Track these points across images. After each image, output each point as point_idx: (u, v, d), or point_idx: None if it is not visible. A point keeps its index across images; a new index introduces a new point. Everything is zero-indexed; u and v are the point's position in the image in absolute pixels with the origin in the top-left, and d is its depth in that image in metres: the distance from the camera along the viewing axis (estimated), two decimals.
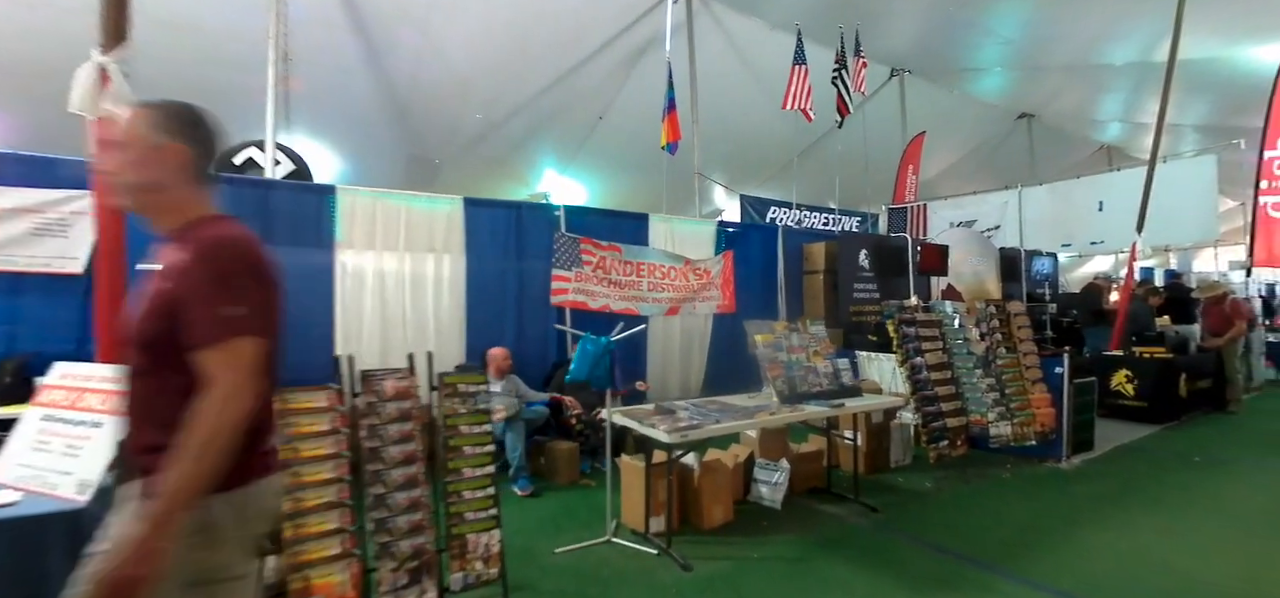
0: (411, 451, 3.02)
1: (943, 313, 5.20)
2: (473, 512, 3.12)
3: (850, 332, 7.02)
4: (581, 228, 6.36)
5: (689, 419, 3.72)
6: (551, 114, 12.22)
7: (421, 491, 3.01)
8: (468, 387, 3.26)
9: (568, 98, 11.83)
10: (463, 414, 3.21)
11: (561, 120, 12.51)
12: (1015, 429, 5.14)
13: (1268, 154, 7.83)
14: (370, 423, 2.96)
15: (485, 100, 11.41)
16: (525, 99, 11.59)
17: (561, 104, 11.97)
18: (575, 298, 6.24)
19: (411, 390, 3.10)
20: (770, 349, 4.38)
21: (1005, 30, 10.58)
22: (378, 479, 2.93)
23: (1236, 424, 6.95)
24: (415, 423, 3.09)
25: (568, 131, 12.89)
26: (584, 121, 12.70)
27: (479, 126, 12.13)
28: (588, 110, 12.42)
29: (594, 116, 12.62)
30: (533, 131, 12.65)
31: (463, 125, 11.99)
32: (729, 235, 7.08)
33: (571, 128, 12.80)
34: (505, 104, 11.62)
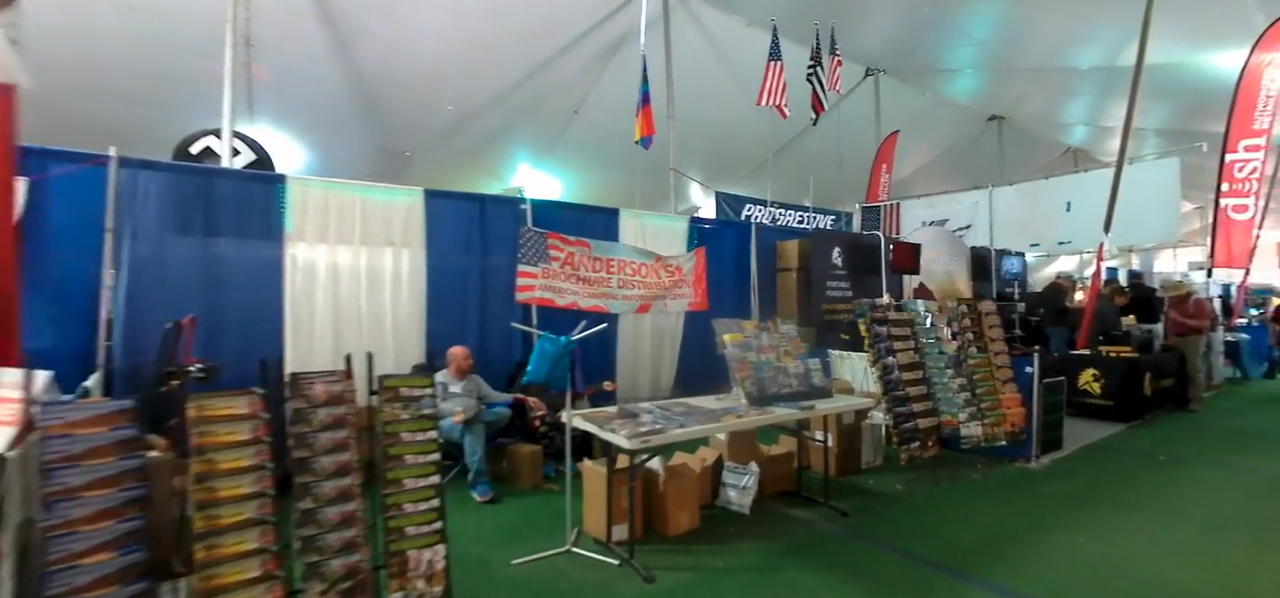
0: (345, 460, 2.74)
1: (914, 312, 5.05)
2: (415, 526, 2.84)
3: (823, 330, 6.86)
4: (549, 222, 6.09)
5: (652, 423, 3.48)
6: (525, 107, 11.90)
7: (357, 504, 2.72)
8: (411, 390, 2.98)
9: (542, 91, 11.52)
10: (405, 420, 2.92)
11: (536, 114, 12.20)
12: (986, 430, 5.00)
13: (1229, 157, 7.88)
14: (298, 431, 2.67)
15: (457, 92, 11.05)
16: (498, 92, 11.26)
17: (535, 97, 11.66)
18: (542, 295, 5.98)
19: (346, 395, 2.81)
20: (739, 349, 4.16)
21: (977, 31, 10.54)
22: (307, 493, 2.64)
23: (1198, 422, 6.95)
24: (351, 430, 2.80)
25: (542, 126, 12.59)
26: (559, 116, 12.40)
27: (451, 119, 11.75)
28: (562, 104, 12.13)
29: (569, 111, 12.33)
30: (506, 125, 12.32)
31: (434, 117, 11.61)
32: (702, 232, 6.87)
33: (546, 122, 12.49)
34: (478, 96, 11.28)
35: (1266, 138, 7.60)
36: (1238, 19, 8.58)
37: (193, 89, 8.23)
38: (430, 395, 3.04)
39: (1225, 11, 8.64)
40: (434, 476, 2.95)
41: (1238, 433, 6.50)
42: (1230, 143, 7.79)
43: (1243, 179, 7.73)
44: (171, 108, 8.83)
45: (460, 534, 3.96)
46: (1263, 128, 7.61)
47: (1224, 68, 9.45)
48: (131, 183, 4.55)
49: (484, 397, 5.14)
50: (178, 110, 8.58)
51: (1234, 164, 7.76)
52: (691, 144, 12.07)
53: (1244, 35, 8.51)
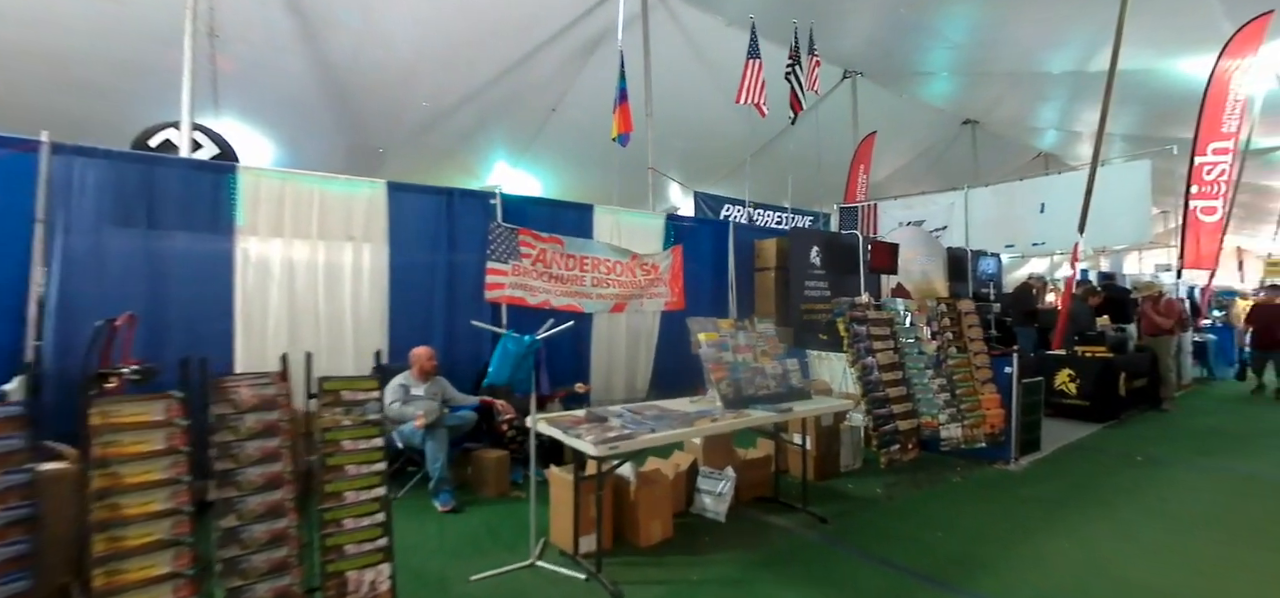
0: (276, 472, 2.44)
1: (894, 311, 4.86)
2: (355, 544, 2.55)
3: (801, 330, 6.67)
4: (520, 218, 5.79)
5: (621, 428, 3.22)
6: (502, 105, 11.59)
7: (289, 521, 2.42)
8: (355, 393, 2.68)
9: (519, 88, 11.23)
10: (347, 427, 2.62)
11: (513, 112, 11.89)
12: (966, 431, 4.83)
13: (1198, 160, 7.87)
14: (221, 440, 2.36)
15: (431, 87, 10.70)
16: (474, 88, 10.94)
17: (512, 95, 11.36)
18: (512, 293, 5.68)
19: (279, 399, 2.51)
20: (714, 349, 3.92)
21: (953, 34, 10.48)
22: (230, 509, 2.33)
23: (1171, 422, 6.89)
24: (285, 438, 2.49)
25: (519, 123, 12.29)
26: (536, 113, 12.12)
27: (425, 115, 11.39)
28: (540, 102, 11.85)
29: (547, 109, 12.06)
30: (483, 122, 11.98)
31: (408, 113, 11.23)
32: (678, 230, 6.63)
33: (523, 120, 12.20)
34: (453, 92, 10.94)
35: (1234, 141, 7.60)
36: (1205, 26, 8.61)
37: (155, 80, 7.80)
38: (376, 399, 2.74)
39: (1193, 19, 8.67)
40: (379, 487, 2.66)
41: (1209, 432, 6.45)
42: (1199, 146, 7.79)
43: (1211, 182, 7.73)
44: (133, 99, 8.39)
45: (418, 547, 3.67)
46: (1230, 131, 7.62)
47: (1190, 73, 9.50)
48: (66, 171, 4.17)
49: (449, 400, 4.84)
50: (139, 102, 8.14)
51: (1203, 166, 7.76)
52: (670, 144, 11.85)
53: (1211, 42, 8.54)
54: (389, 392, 4.63)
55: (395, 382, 4.67)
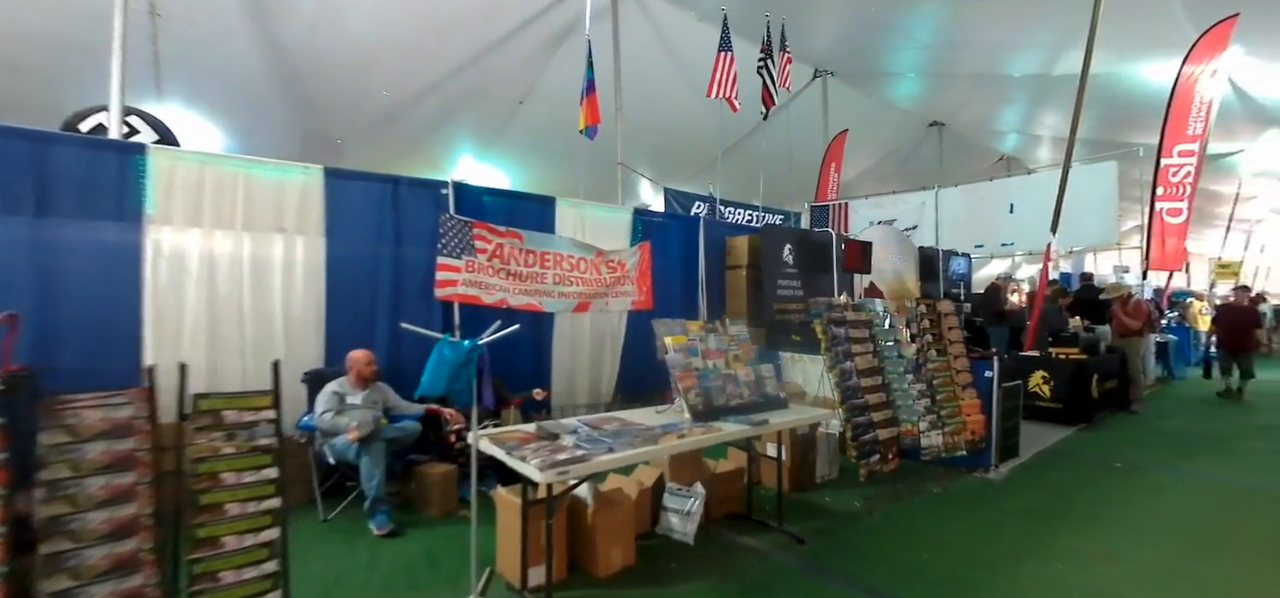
0: (129, 517, 1.88)
1: (873, 312, 4.48)
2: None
3: (773, 331, 6.27)
4: (475, 210, 5.25)
5: (574, 447, 2.73)
6: (467, 96, 10.98)
7: (144, 577, 1.87)
8: (240, 413, 2.13)
9: (485, 80, 10.64)
10: (229, 456, 2.08)
11: (479, 103, 11.29)
12: (947, 439, 4.48)
13: (1164, 161, 7.74)
14: (52, 478, 1.80)
15: (392, 76, 10.04)
16: (437, 78, 10.30)
17: (478, 86, 10.76)
18: (465, 291, 5.13)
19: (137, 423, 1.95)
20: (682, 355, 3.46)
21: (922, 34, 10.25)
22: (60, 566, 1.77)
23: (1143, 424, 6.69)
24: (143, 473, 1.94)
25: (486, 116, 11.68)
26: (503, 106, 11.52)
27: (386, 105, 10.70)
28: (507, 94, 11.26)
29: (514, 101, 11.47)
30: (448, 114, 11.34)
31: (367, 102, 10.53)
32: (646, 225, 6.16)
33: (490, 112, 11.60)
34: (415, 82, 10.29)
35: (1199, 143, 7.49)
36: (1169, 31, 8.50)
37: (89, 59, 7.01)
38: (270, 420, 2.19)
39: (1156, 23, 8.56)
40: (271, 529, 2.12)
41: (1182, 435, 6.24)
42: (1165, 148, 7.66)
43: (1176, 183, 7.62)
44: (64, 79, 7.60)
45: (347, 580, 3.13)
46: (1196, 133, 7.51)
47: (1150, 78, 9.44)
48: None
49: (391, 408, 4.28)
50: (71, 82, 7.35)
51: (1168, 168, 7.64)
52: (640, 139, 11.40)
53: (1172, 46, 8.45)
54: (321, 400, 4.06)
55: (329, 389, 4.09)
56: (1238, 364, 7.75)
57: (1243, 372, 7.74)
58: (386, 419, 4.13)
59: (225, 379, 4.25)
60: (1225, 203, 14.35)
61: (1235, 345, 7.66)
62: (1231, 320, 7.80)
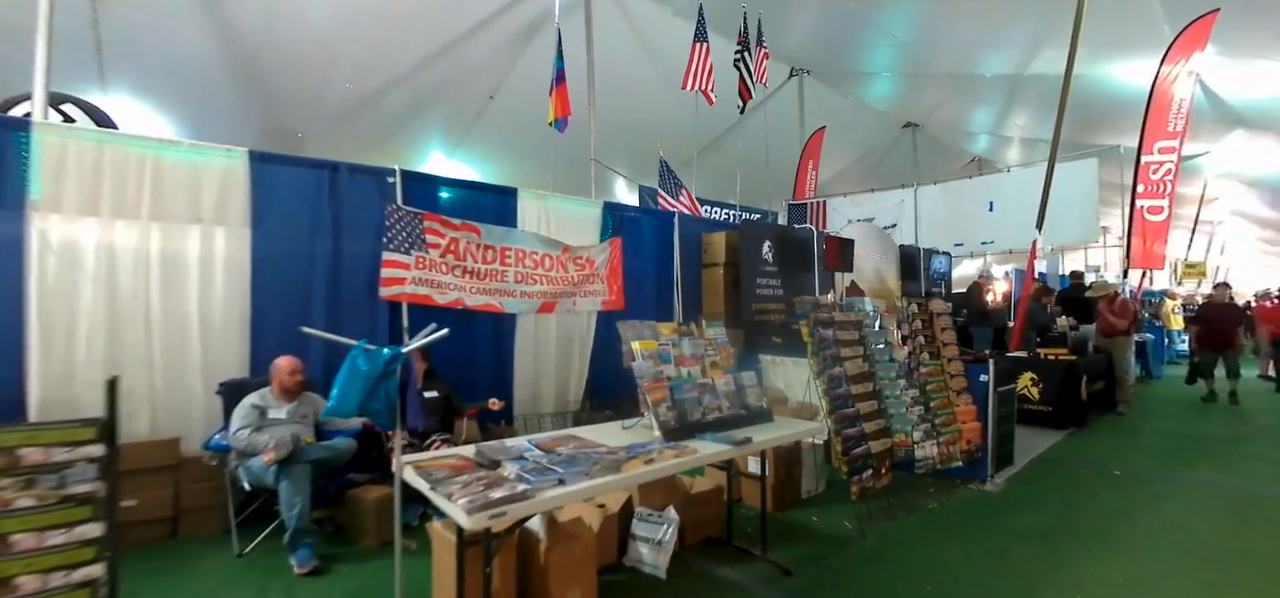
0: None
1: (863, 312, 3.99)
2: None
3: (752, 332, 5.78)
4: (427, 201, 4.66)
5: (516, 479, 2.17)
6: (436, 90, 10.32)
7: None
8: (46, 452, 1.53)
9: (454, 73, 9.99)
10: (23, 512, 1.47)
11: (448, 98, 10.63)
12: (942, 449, 4.02)
13: (1144, 158, 7.45)
14: None
15: (355, 67, 9.33)
16: (404, 70, 9.63)
17: (447, 79, 10.11)
18: (415, 291, 4.53)
19: None
20: (652, 362, 2.92)
21: (897, 30, 9.90)
22: None
23: (1133, 427, 6.31)
24: None
25: (455, 111, 11.02)
26: (473, 100, 10.88)
27: (349, 98, 9.97)
28: (477, 88, 10.62)
29: (484, 96, 10.83)
30: (415, 108, 10.65)
31: (329, 94, 9.78)
32: (617, 220, 5.62)
33: (460, 107, 10.94)
34: (380, 74, 9.60)
35: (1179, 140, 7.23)
36: (1145, 31, 8.25)
37: (28, 43, 6.26)
38: (93, 458, 1.59)
39: (1133, 22, 8.30)
40: None
41: (1176, 439, 5.87)
42: (1145, 144, 7.38)
43: (1157, 181, 7.35)
44: None
45: None
46: (1176, 130, 7.24)
47: (1121, 79, 9.21)
48: None
49: (324, 423, 3.65)
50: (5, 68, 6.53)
51: (1149, 165, 7.36)
52: (614, 137, 10.88)
53: (1146, 46, 8.20)
54: (238, 415, 3.42)
55: (248, 402, 3.46)
56: (1225, 364, 7.40)
57: (1229, 371, 7.39)
58: (315, 436, 3.51)
59: (126, 394, 3.58)
60: (1190, 204, 14.35)
61: (1221, 344, 7.32)
62: (1215, 318, 7.45)
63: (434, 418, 4.01)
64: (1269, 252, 19.09)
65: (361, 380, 2.27)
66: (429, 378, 4.14)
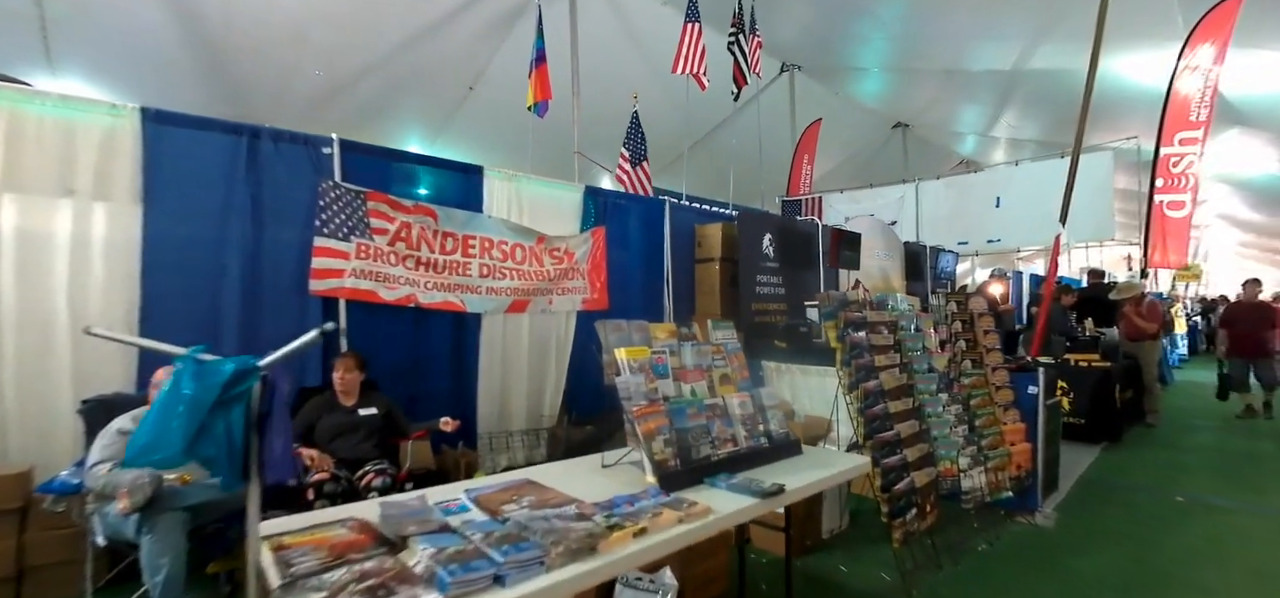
0: None
1: (898, 311, 3.15)
2: None
3: (752, 335, 4.92)
4: (372, 177, 3.74)
5: (428, 571, 1.28)
6: (413, 79, 9.40)
7: None
8: None
9: (431, 61, 9.10)
10: None
11: (425, 88, 9.71)
12: (991, 478, 3.19)
13: (1164, 150, 6.74)
14: None
15: (326, 54, 8.40)
16: (377, 57, 8.72)
17: (423, 68, 9.20)
18: (355, 284, 3.62)
19: None
20: (644, 376, 2.04)
21: (889, 20, 9.16)
22: None
23: (1170, 442, 5.51)
24: None
25: (434, 102, 10.11)
26: (453, 90, 9.98)
27: (320, 86, 9.00)
28: (455, 78, 9.72)
29: (464, 86, 9.92)
30: (390, 98, 9.71)
31: (298, 81, 8.81)
32: (601, 207, 4.74)
33: (438, 97, 10.03)
34: (352, 61, 8.68)
35: (1203, 131, 6.54)
36: (1155, 21, 7.56)
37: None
38: None
39: (1143, 12, 7.61)
40: None
41: (1224, 457, 5.05)
42: (1165, 136, 6.68)
43: (1178, 174, 6.65)
44: None
45: None
46: (1200, 120, 6.56)
47: (1124, 74, 8.55)
48: None
49: None
50: None
51: (1169, 158, 6.66)
52: (600, 131, 10.02)
53: (1156, 38, 7.52)
54: (100, 444, 2.48)
55: (113, 427, 2.52)
56: (1257, 373, 6.25)
57: (1264, 383, 6.26)
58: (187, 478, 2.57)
59: None
60: None
61: (1252, 350, 6.19)
62: (1244, 321, 6.26)
63: (370, 442, 3.09)
64: (1246, 255, 18.71)
65: (185, 411, 1.37)
66: (367, 392, 3.23)
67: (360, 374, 3.20)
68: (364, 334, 3.59)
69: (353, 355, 3.19)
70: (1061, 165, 7.54)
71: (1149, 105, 8.18)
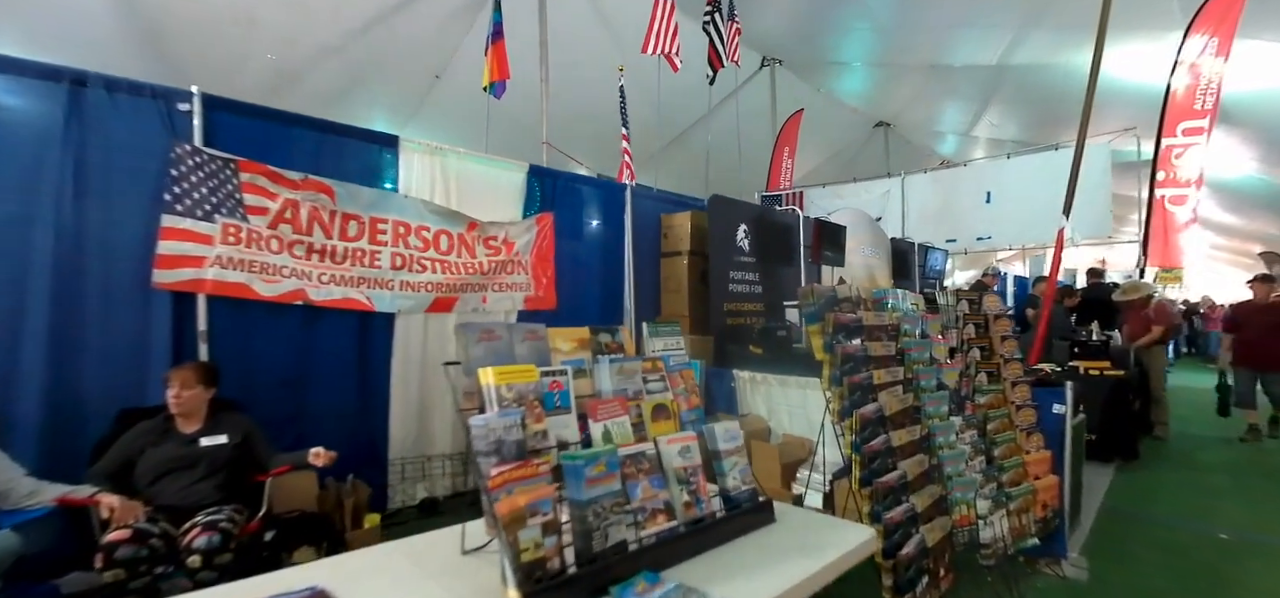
0: None
1: (902, 313, 2.36)
2: None
3: (724, 339, 4.14)
4: (247, 144, 2.88)
5: None
6: (373, 66, 8.51)
7: None
8: None
9: (392, 48, 8.22)
10: None
11: (387, 76, 8.83)
12: (1015, 523, 2.41)
13: (1166, 141, 6.07)
14: None
15: (278, 36, 7.50)
16: (333, 41, 7.84)
17: (384, 55, 8.33)
18: (220, 276, 2.73)
19: None
20: (515, 417, 1.21)
21: (875, 9, 8.44)
22: None
23: (1186, 459, 4.76)
24: None
25: (398, 91, 9.22)
26: (418, 80, 9.12)
27: (272, 71, 8.07)
28: (420, 66, 8.86)
29: (429, 75, 9.07)
30: (350, 86, 8.81)
31: (249, 66, 7.87)
32: (548, 189, 3.91)
33: (403, 86, 9.16)
34: (307, 45, 7.78)
35: (1209, 119, 5.89)
36: (1149, 11, 6.91)
37: None
38: None
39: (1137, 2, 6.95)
40: None
41: (1261, 479, 4.28)
42: (1167, 125, 6.01)
43: (1181, 166, 5.99)
44: None
45: None
46: (1205, 108, 5.90)
47: (1105, 68, 7.88)
48: None
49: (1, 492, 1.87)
50: None
51: (1172, 149, 6.00)
52: (574, 127, 9.24)
53: (1150, 29, 6.88)
54: None
55: None
56: (1265, 387, 5.13)
57: (1275, 399, 5.19)
58: None
59: None
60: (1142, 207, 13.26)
61: (1263, 360, 5.04)
62: (1257, 325, 5.10)
63: (211, 481, 2.24)
64: (1217, 258, 18.29)
65: None
66: (217, 414, 2.37)
67: (204, 391, 2.34)
68: (234, 339, 2.74)
69: (192, 368, 2.33)
70: (1055, 158, 6.87)
71: (1139, 101, 7.56)
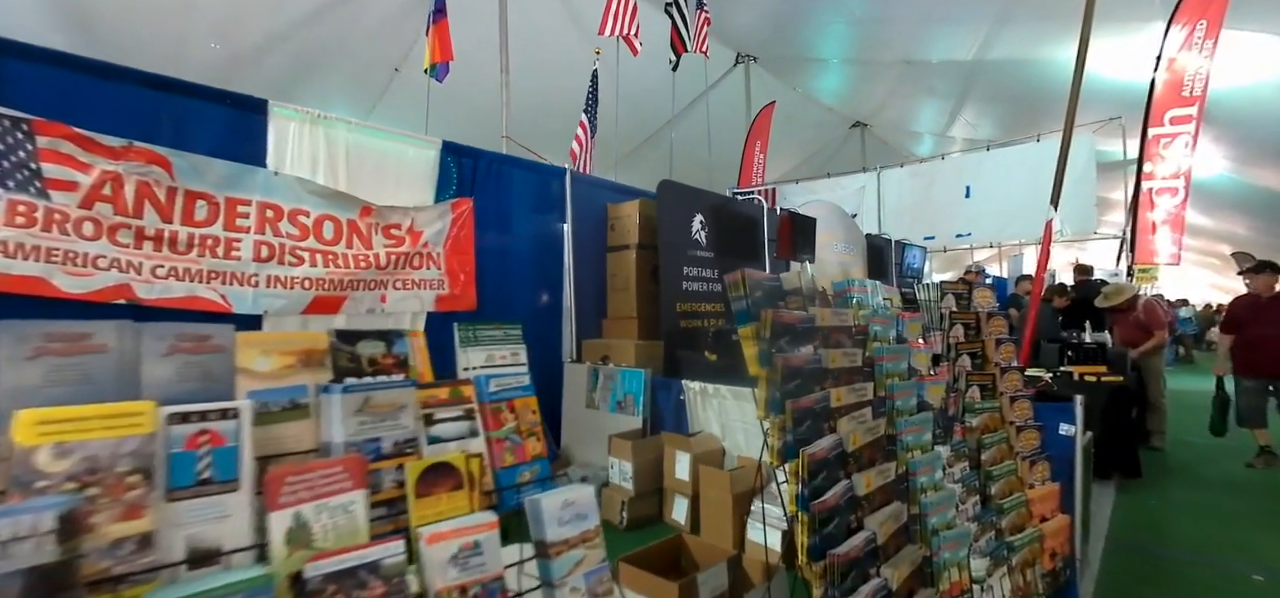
0: None
1: (867, 306, 1.73)
2: None
3: (675, 344, 3.49)
4: (49, 101, 2.18)
5: None
6: (326, 56, 7.80)
7: None
8: None
9: (346, 36, 7.53)
10: None
11: (342, 66, 8.11)
12: (1017, 580, 1.77)
13: (1152, 131, 5.54)
14: None
15: (220, 22, 6.78)
16: (280, 28, 7.15)
17: (339, 44, 7.62)
18: (5, 268, 2.05)
19: None
20: (13, 526, 0.54)
21: (851, 2, 7.89)
22: None
23: (1192, 476, 4.14)
24: None
25: (353, 83, 8.50)
26: (375, 72, 8.42)
27: (217, 60, 7.31)
28: (378, 56, 8.16)
29: (389, 67, 8.37)
30: (302, 77, 8.05)
31: (190, 55, 7.10)
32: (466, 171, 3.25)
33: (359, 79, 8.44)
34: (252, 31, 7.08)
35: (1198, 107, 5.38)
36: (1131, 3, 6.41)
37: None
38: None
39: None
40: None
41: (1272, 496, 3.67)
42: (1154, 115, 5.49)
43: (1168, 157, 5.47)
44: None
45: None
46: (1194, 95, 5.39)
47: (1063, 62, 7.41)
48: None
49: None
50: None
51: (1159, 139, 5.47)
52: (536, 121, 8.56)
53: (1132, 20, 6.39)
54: None
55: None
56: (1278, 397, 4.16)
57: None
58: None
59: None
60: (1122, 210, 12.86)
61: (1273, 368, 4.05)
62: (1267, 322, 4.06)
63: None
64: (1186, 259, 18.03)
65: None
66: None
67: None
68: None
69: None
70: (1038, 149, 6.32)
71: (1121, 94, 7.08)
